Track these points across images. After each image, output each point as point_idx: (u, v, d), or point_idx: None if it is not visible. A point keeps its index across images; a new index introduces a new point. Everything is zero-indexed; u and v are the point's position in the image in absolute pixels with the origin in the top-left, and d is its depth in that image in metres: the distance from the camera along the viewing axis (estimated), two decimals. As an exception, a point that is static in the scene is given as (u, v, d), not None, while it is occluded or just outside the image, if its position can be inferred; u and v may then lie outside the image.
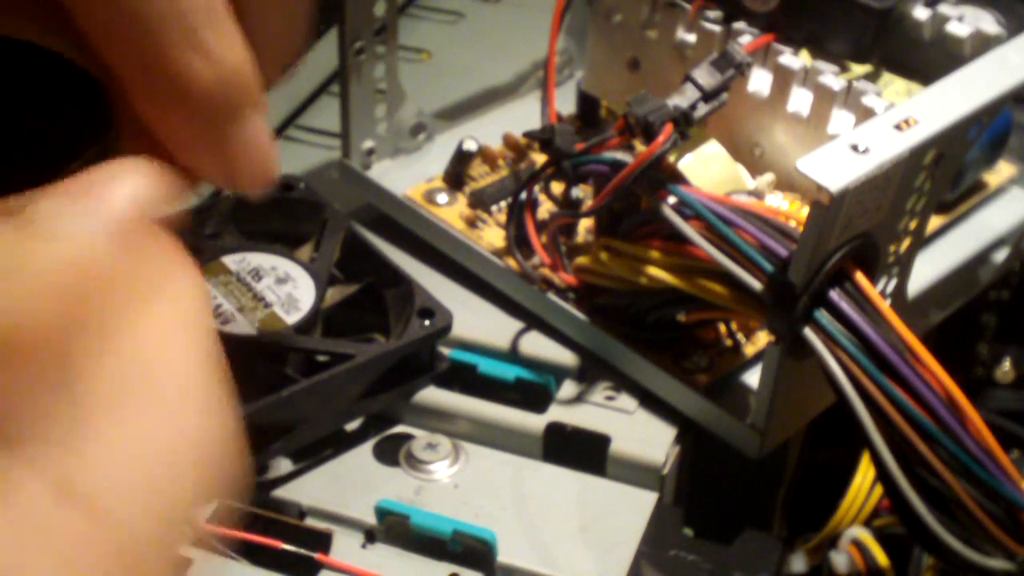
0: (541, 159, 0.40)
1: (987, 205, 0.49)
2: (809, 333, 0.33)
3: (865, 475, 0.44)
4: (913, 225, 0.36)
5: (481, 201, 0.45)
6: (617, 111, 0.49)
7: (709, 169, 0.41)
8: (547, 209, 0.43)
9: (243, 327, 0.37)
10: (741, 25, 0.42)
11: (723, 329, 0.41)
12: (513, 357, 0.42)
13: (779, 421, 0.37)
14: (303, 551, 0.35)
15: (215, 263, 0.38)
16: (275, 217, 0.41)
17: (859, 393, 0.32)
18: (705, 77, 0.38)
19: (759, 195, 0.41)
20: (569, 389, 0.41)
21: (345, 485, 0.38)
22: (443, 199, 0.46)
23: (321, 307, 0.38)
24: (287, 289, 0.38)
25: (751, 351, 0.41)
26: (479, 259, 0.44)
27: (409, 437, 0.40)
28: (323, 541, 0.36)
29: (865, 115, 0.39)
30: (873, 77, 0.44)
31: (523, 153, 0.48)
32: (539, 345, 0.42)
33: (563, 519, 0.37)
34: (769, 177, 0.41)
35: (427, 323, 0.39)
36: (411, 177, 0.47)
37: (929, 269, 0.44)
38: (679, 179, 0.37)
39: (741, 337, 0.41)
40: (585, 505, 0.38)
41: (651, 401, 0.40)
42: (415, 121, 0.48)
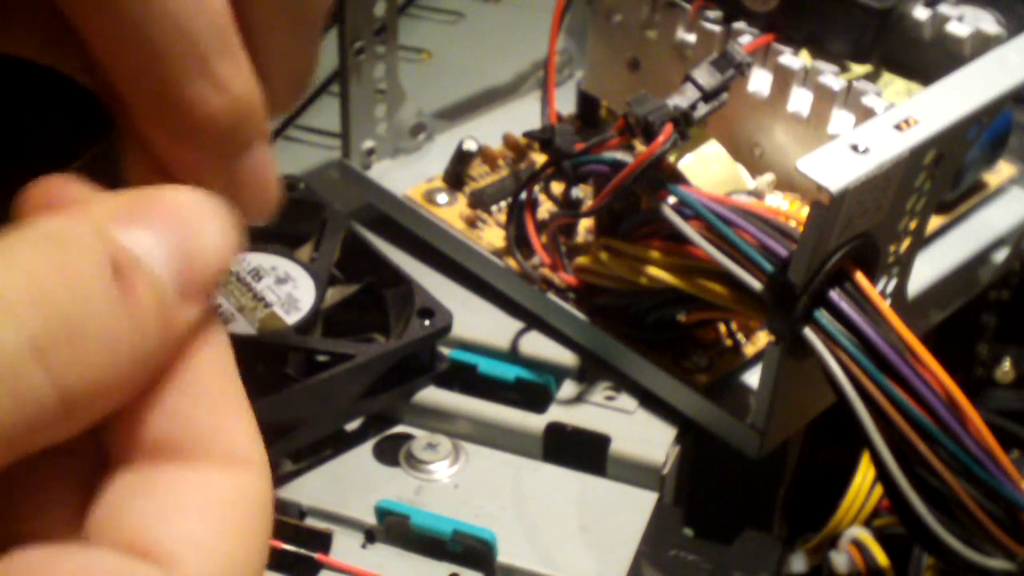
0: (541, 159, 0.40)
1: (987, 205, 0.49)
2: (809, 333, 0.33)
3: (865, 475, 0.44)
4: (913, 225, 0.36)
5: (481, 201, 0.45)
6: (617, 111, 0.49)
7: (709, 169, 0.41)
8: (547, 209, 0.43)
9: (243, 327, 0.37)
10: (741, 25, 0.42)
11: (723, 329, 0.41)
12: (513, 357, 0.42)
13: (779, 421, 0.37)
14: (303, 551, 0.35)
15: (215, 263, 0.38)
16: (275, 217, 0.41)
17: (859, 393, 0.32)
18: (705, 77, 0.38)
19: (759, 195, 0.41)
20: (569, 389, 0.41)
21: (345, 485, 0.38)
22: (443, 199, 0.46)
23: (321, 307, 0.38)
24: (287, 289, 0.38)
25: (751, 351, 0.41)
26: (479, 259, 0.44)
27: (409, 437, 0.40)
28: (323, 541, 0.36)
29: (865, 115, 0.39)
30: (873, 77, 0.44)
31: (523, 153, 0.48)
32: (539, 345, 0.42)
33: (563, 519, 0.37)
34: (769, 177, 0.41)
35: (427, 323, 0.39)
36: (411, 177, 0.47)
37: (929, 269, 0.44)
38: (679, 179, 0.37)
39: (741, 337, 0.41)
40: (585, 505, 0.38)
41: (651, 401, 0.40)
42: (415, 121, 0.48)
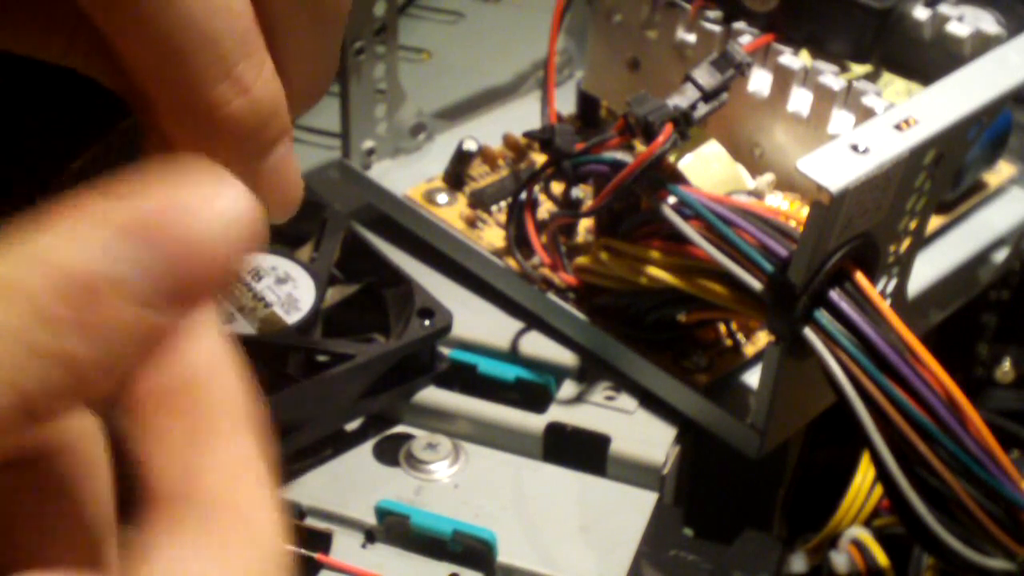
0: (541, 159, 0.40)
1: (987, 205, 0.49)
2: (809, 333, 0.33)
3: (865, 475, 0.44)
4: (913, 225, 0.36)
5: (481, 201, 0.45)
6: (617, 111, 0.49)
7: (709, 169, 0.41)
8: (547, 209, 0.43)
9: (243, 327, 0.37)
10: (741, 25, 0.42)
11: (723, 329, 0.41)
12: (513, 357, 0.42)
13: (779, 421, 0.37)
14: (303, 551, 0.35)
15: (215, 263, 0.38)
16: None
17: (859, 393, 0.32)
18: (705, 77, 0.38)
19: (759, 195, 0.41)
20: (569, 389, 0.41)
21: (345, 485, 0.38)
22: (443, 199, 0.46)
23: (321, 307, 0.38)
24: (287, 289, 0.38)
25: (751, 351, 0.41)
26: (479, 259, 0.44)
27: (409, 437, 0.40)
28: (323, 541, 0.36)
29: (865, 115, 0.39)
30: (873, 77, 0.44)
31: (523, 153, 0.48)
32: (539, 345, 0.42)
33: (563, 519, 0.37)
34: (769, 177, 0.41)
35: (427, 323, 0.39)
36: (411, 177, 0.47)
37: (929, 269, 0.44)
38: (679, 179, 0.37)
39: (741, 337, 0.41)
40: (585, 505, 0.38)
41: (651, 401, 0.40)
42: (415, 121, 0.48)
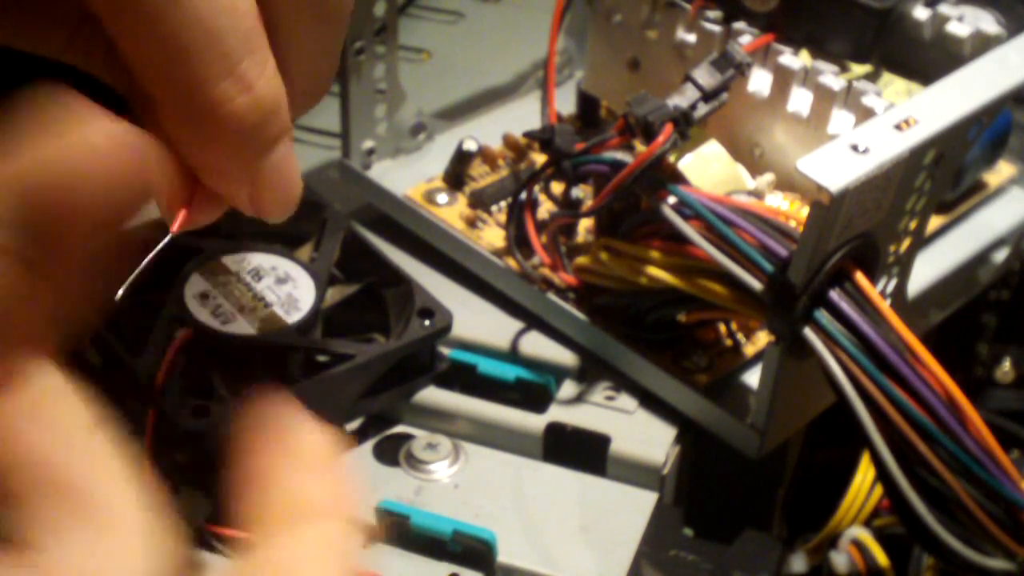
0: (541, 159, 0.40)
1: (987, 205, 0.49)
2: (809, 333, 0.33)
3: (865, 475, 0.44)
4: (913, 225, 0.36)
5: (481, 201, 0.45)
6: (617, 111, 0.49)
7: (709, 169, 0.41)
8: (547, 209, 0.43)
9: (243, 327, 0.37)
10: (741, 25, 0.42)
11: (723, 329, 0.41)
12: (513, 357, 0.42)
13: (779, 421, 0.37)
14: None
15: (215, 263, 0.38)
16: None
17: (859, 393, 0.32)
18: (705, 77, 0.38)
19: (759, 195, 0.41)
20: (569, 389, 0.41)
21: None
22: (443, 199, 0.46)
23: (321, 307, 0.38)
24: (287, 289, 0.38)
25: (751, 351, 0.41)
26: (479, 259, 0.44)
27: (409, 437, 0.40)
28: (323, 541, 0.36)
29: (865, 115, 0.39)
30: (873, 77, 0.44)
31: (523, 153, 0.48)
32: (539, 345, 0.42)
33: (563, 519, 0.37)
34: (769, 177, 0.41)
35: (427, 323, 0.39)
36: (411, 177, 0.47)
37: (929, 269, 0.44)
38: (679, 179, 0.37)
39: (741, 337, 0.41)
40: (585, 505, 0.38)
41: (651, 401, 0.40)
42: (415, 121, 0.48)
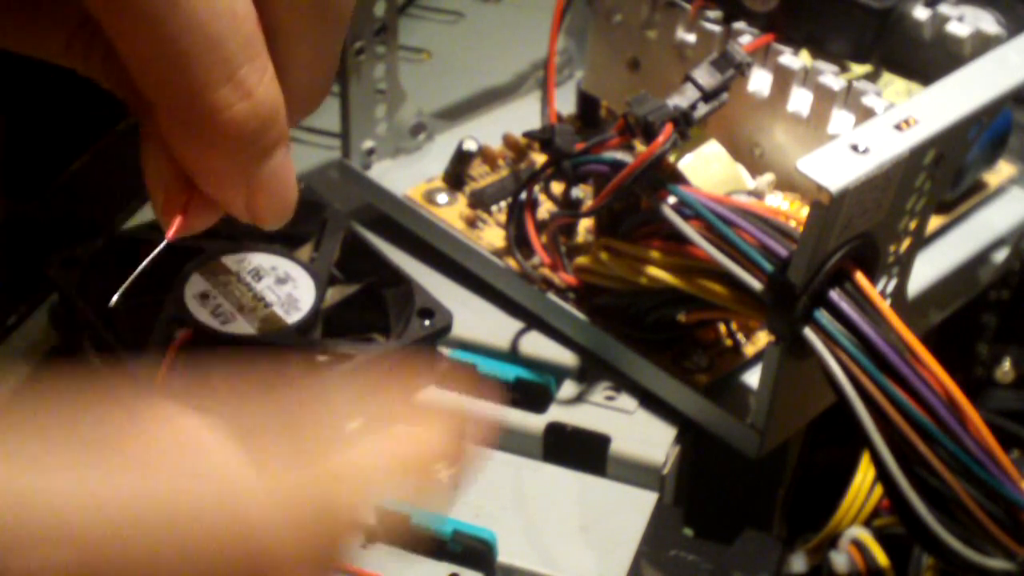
0: (541, 159, 0.40)
1: (987, 205, 0.49)
2: (809, 333, 0.33)
3: (865, 475, 0.44)
4: (913, 225, 0.36)
5: (481, 201, 0.45)
6: (617, 111, 0.49)
7: (709, 169, 0.41)
8: (547, 209, 0.43)
9: (243, 327, 0.37)
10: (741, 25, 0.42)
11: (723, 329, 0.41)
12: (513, 357, 0.42)
13: (779, 421, 0.37)
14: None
15: (215, 263, 0.38)
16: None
17: (859, 393, 0.32)
18: (705, 77, 0.38)
19: (759, 195, 0.41)
20: (569, 389, 0.41)
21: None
22: (443, 199, 0.46)
23: (321, 307, 0.38)
24: (287, 289, 0.38)
25: (751, 351, 0.41)
26: (479, 259, 0.44)
27: (409, 437, 0.39)
28: (323, 541, 0.36)
29: (865, 115, 0.39)
30: (873, 77, 0.44)
31: (523, 153, 0.48)
32: (539, 345, 0.42)
33: (563, 519, 0.37)
34: (769, 177, 0.41)
35: (427, 323, 0.39)
36: (411, 177, 0.47)
37: (929, 269, 0.44)
38: (679, 179, 0.37)
39: (741, 337, 0.41)
40: (585, 505, 0.38)
41: (651, 401, 0.40)
42: (415, 121, 0.48)
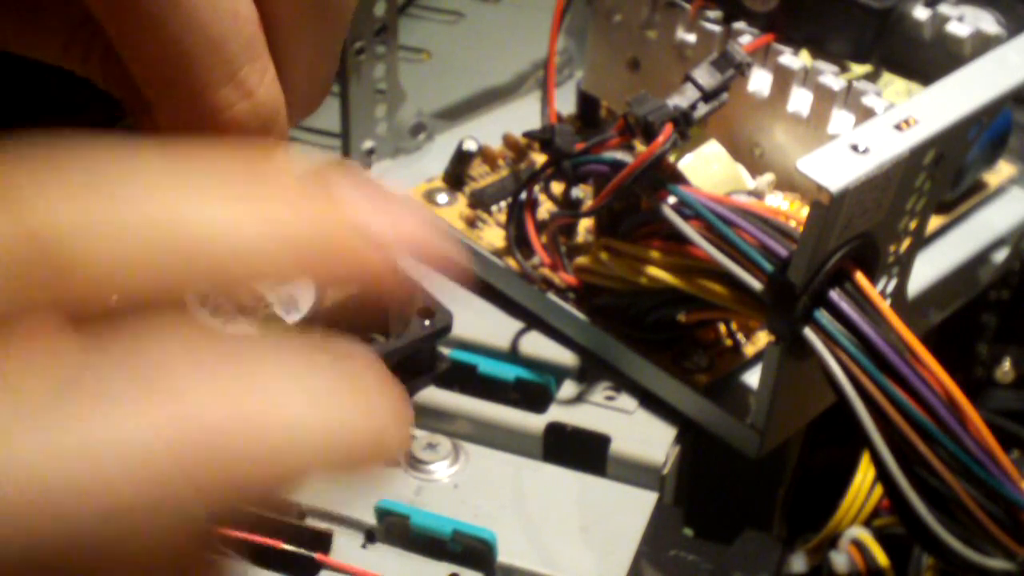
0: (541, 159, 0.40)
1: (987, 205, 0.49)
2: (809, 333, 0.33)
3: (865, 475, 0.44)
4: (913, 225, 0.36)
5: (481, 201, 0.45)
6: (617, 111, 0.49)
7: (709, 169, 0.41)
8: (547, 209, 0.43)
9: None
10: (741, 25, 0.42)
11: (723, 329, 0.41)
12: (513, 357, 0.42)
13: (779, 421, 0.37)
14: (303, 551, 0.35)
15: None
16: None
17: (859, 393, 0.32)
18: (705, 77, 0.38)
19: (759, 195, 0.41)
20: (569, 389, 0.41)
21: (345, 485, 0.38)
22: (443, 199, 0.46)
23: (321, 307, 0.38)
24: (287, 289, 0.38)
25: (751, 351, 0.41)
26: (479, 259, 0.44)
27: (409, 437, 0.40)
28: (323, 541, 0.36)
29: (865, 115, 0.39)
30: (873, 77, 0.44)
31: (523, 153, 0.48)
32: (539, 345, 0.42)
33: (563, 519, 0.37)
34: (769, 177, 0.41)
35: (427, 323, 0.39)
36: (411, 177, 0.47)
37: (929, 269, 0.44)
38: (679, 179, 0.37)
39: (741, 337, 0.41)
40: (585, 505, 0.38)
41: (651, 401, 0.40)
42: (415, 121, 0.48)
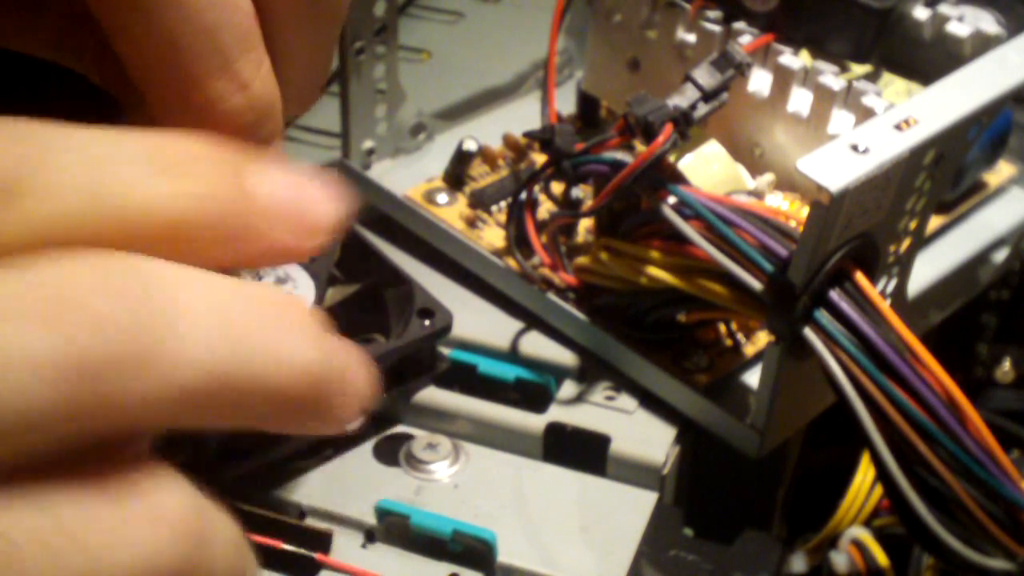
0: (541, 159, 0.40)
1: (987, 205, 0.49)
2: (809, 333, 0.33)
3: (865, 475, 0.44)
4: (913, 225, 0.36)
5: (481, 201, 0.45)
6: (617, 111, 0.49)
7: (709, 169, 0.41)
8: (547, 209, 0.43)
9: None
10: (741, 25, 0.42)
11: (723, 329, 0.41)
12: (513, 357, 0.42)
13: (779, 421, 0.37)
14: (303, 551, 0.35)
15: (215, 263, 0.38)
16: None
17: (859, 393, 0.32)
18: (705, 77, 0.38)
19: (759, 195, 0.41)
20: (569, 389, 0.41)
21: (345, 485, 0.38)
22: (443, 199, 0.46)
23: (321, 307, 0.38)
24: (287, 289, 0.38)
25: (751, 351, 0.41)
26: (479, 259, 0.44)
27: (409, 437, 0.40)
28: (323, 541, 0.36)
29: (865, 115, 0.39)
30: (873, 77, 0.44)
31: (523, 153, 0.48)
32: (539, 345, 0.42)
33: (563, 519, 0.37)
34: (769, 177, 0.41)
35: (427, 323, 0.39)
36: (411, 177, 0.47)
37: (929, 269, 0.44)
38: (679, 179, 0.37)
39: (741, 337, 0.41)
40: (585, 505, 0.38)
41: (651, 401, 0.40)
42: (415, 121, 0.48)
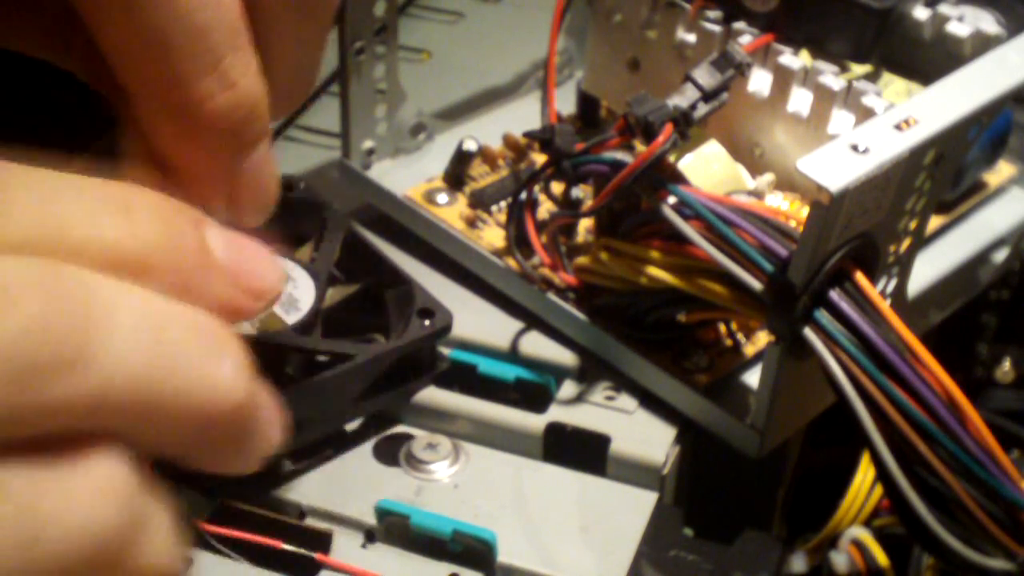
0: (541, 159, 0.40)
1: (987, 205, 0.49)
2: (809, 333, 0.33)
3: (865, 475, 0.44)
4: (913, 225, 0.36)
5: (481, 201, 0.45)
6: (617, 111, 0.49)
7: (709, 169, 0.41)
8: (547, 209, 0.43)
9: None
10: (741, 25, 0.42)
11: (723, 329, 0.41)
12: (513, 357, 0.42)
13: (779, 421, 0.37)
14: (303, 551, 0.35)
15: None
16: (275, 217, 0.41)
17: (859, 393, 0.32)
18: (705, 77, 0.38)
19: (759, 195, 0.41)
20: (569, 389, 0.41)
21: (345, 485, 0.38)
22: (443, 199, 0.46)
23: (321, 307, 0.38)
24: (287, 289, 0.38)
25: (751, 351, 0.41)
26: (479, 259, 0.44)
27: (409, 437, 0.40)
28: (323, 541, 0.36)
29: (865, 115, 0.39)
30: (873, 77, 0.44)
31: (523, 153, 0.48)
32: (539, 345, 0.42)
33: (563, 519, 0.37)
34: (769, 177, 0.41)
35: (427, 323, 0.39)
36: (411, 177, 0.47)
37: (929, 269, 0.44)
38: (679, 179, 0.37)
39: (741, 337, 0.41)
40: (585, 505, 0.38)
41: (651, 401, 0.40)
42: (415, 121, 0.48)
